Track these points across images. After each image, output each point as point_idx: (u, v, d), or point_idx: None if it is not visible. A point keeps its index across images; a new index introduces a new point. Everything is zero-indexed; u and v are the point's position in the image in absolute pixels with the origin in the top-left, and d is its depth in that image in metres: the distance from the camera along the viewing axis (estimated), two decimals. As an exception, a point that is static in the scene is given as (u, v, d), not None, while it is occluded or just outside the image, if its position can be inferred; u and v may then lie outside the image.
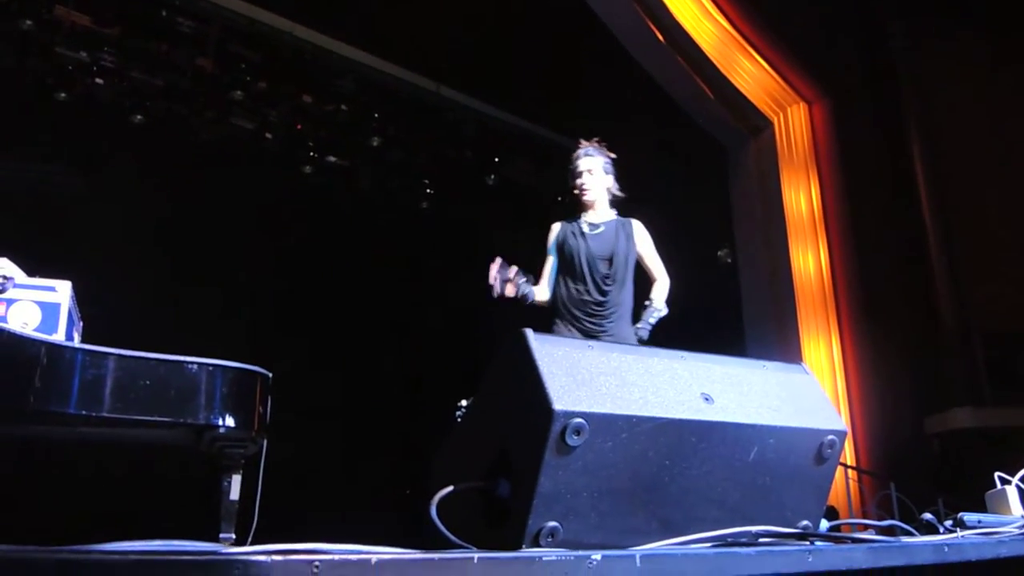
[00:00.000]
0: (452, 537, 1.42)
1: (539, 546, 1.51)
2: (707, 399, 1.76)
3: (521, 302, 4.16)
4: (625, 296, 4.04)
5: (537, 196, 9.46)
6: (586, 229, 4.13)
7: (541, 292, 4.13)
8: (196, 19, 7.30)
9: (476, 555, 1.04)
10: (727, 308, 8.20)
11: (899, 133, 7.93)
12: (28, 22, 6.69)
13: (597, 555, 1.16)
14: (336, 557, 0.89)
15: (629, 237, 4.09)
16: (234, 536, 3.75)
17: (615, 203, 4.26)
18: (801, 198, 7.96)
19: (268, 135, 7.98)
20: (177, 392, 3.77)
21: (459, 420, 4.56)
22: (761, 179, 8.28)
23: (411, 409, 7.81)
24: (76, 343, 3.86)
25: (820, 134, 8.25)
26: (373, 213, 8.35)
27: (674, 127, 8.53)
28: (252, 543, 3.34)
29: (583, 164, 4.17)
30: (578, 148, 4.26)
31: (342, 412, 7.43)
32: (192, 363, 3.79)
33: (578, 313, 4.05)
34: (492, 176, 9.15)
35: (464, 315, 8.41)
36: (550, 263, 4.20)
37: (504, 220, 9.00)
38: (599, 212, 4.18)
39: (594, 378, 1.62)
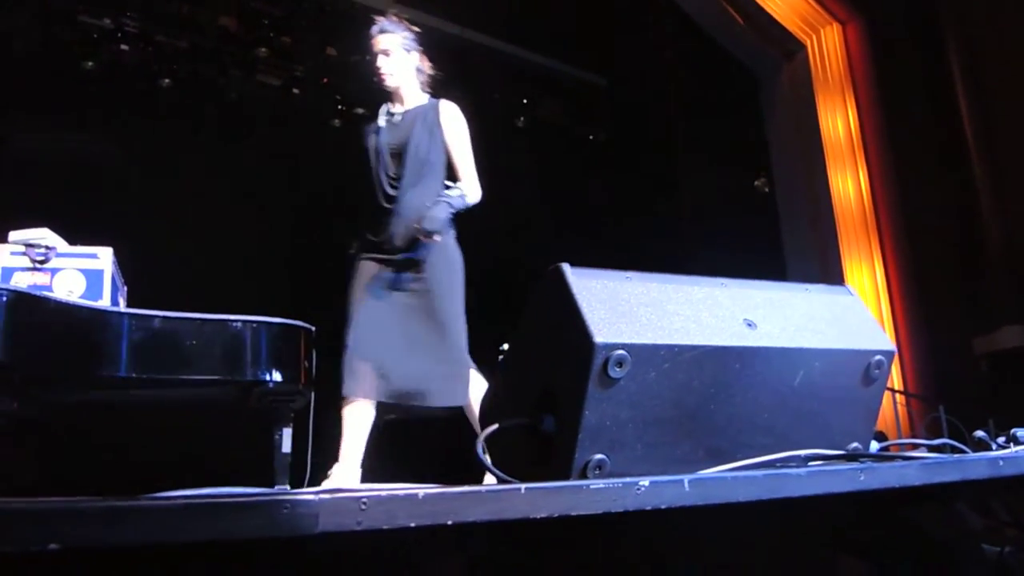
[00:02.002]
0: (499, 473, 1.43)
1: (587, 479, 1.51)
2: (750, 325, 1.73)
3: None
4: (425, 199, 3.30)
5: (569, 136, 9.37)
6: (383, 122, 3.45)
7: None
8: (216, -23, 7.30)
9: (523, 486, 1.05)
10: (766, 238, 8.10)
11: (937, 47, 7.67)
12: (51, -8, 6.72)
13: (645, 481, 1.16)
14: (383, 493, 0.90)
15: (431, 124, 3.33)
16: (288, 488, 3.84)
17: (434, 85, 3.56)
18: (838, 122, 7.79)
19: (295, 91, 7.97)
20: (223, 350, 3.85)
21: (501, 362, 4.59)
22: (796, 104, 8.10)
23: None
24: (121, 307, 3.94)
25: (855, 55, 8.03)
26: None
27: (705, 58, 8.37)
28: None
29: (379, 44, 3.40)
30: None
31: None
32: (236, 321, 3.87)
33: (370, 234, 3.36)
34: (522, 118, 9.05)
35: (502, 260, 8.40)
36: None
37: (536, 162, 8.93)
38: (406, 99, 3.45)
39: (634, 309, 1.60)
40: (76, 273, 3.90)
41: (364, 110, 8.14)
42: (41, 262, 3.85)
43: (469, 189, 3.39)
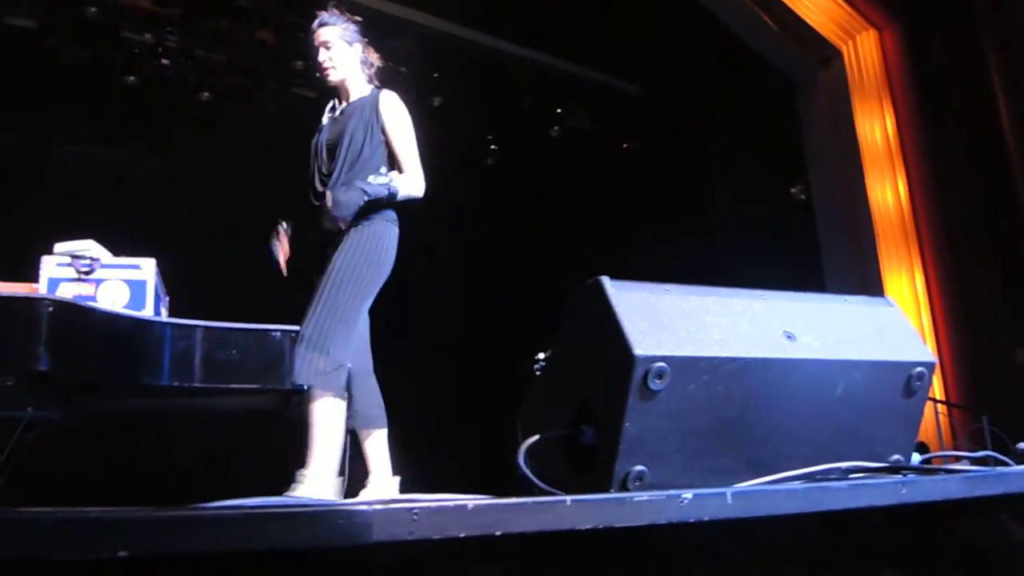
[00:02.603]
0: (541, 484, 1.45)
1: (627, 490, 1.52)
2: (789, 337, 1.73)
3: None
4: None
5: (602, 145, 9.37)
6: (326, 119, 3.32)
7: None
8: (253, -8, 7.40)
9: (569, 498, 1.07)
10: (804, 246, 8.04)
11: (976, 53, 7.58)
12: (93, 9, 6.84)
13: (688, 494, 1.17)
14: (434, 504, 0.92)
15: (368, 116, 3.11)
16: (327, 496, 3.87)
17: (381, 77, 3.38)
18: (876, 129, 7.71)
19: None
20: (263, 359, 3.91)
21: (538, 374, 4.59)
22: (833, 111, 8.03)
23: (486, 365, 7.88)
24: (164, 317, 4.02)
25: (892, 61, 7.95)
26: (439, 173, 8.37)
27: (740, 66, 8.33)
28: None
29: (319, 37, 3.22)
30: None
31: (416, 373, 7.53)
32: (275, 330, 3.93)
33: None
34: (556, 128, 9.07)
35: (535, 269, 8.42)
36: None
37: (570, 170, 8.95)
38: (351, 92, 3.27)
39: (673, 321, 1.61)
40: (120, 284, 3.98)
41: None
42: (86, 273, 3.93)
43: (406, 181, 3.11)
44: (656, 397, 1.53)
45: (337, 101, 3.32)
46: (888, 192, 7.58)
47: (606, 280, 1.65)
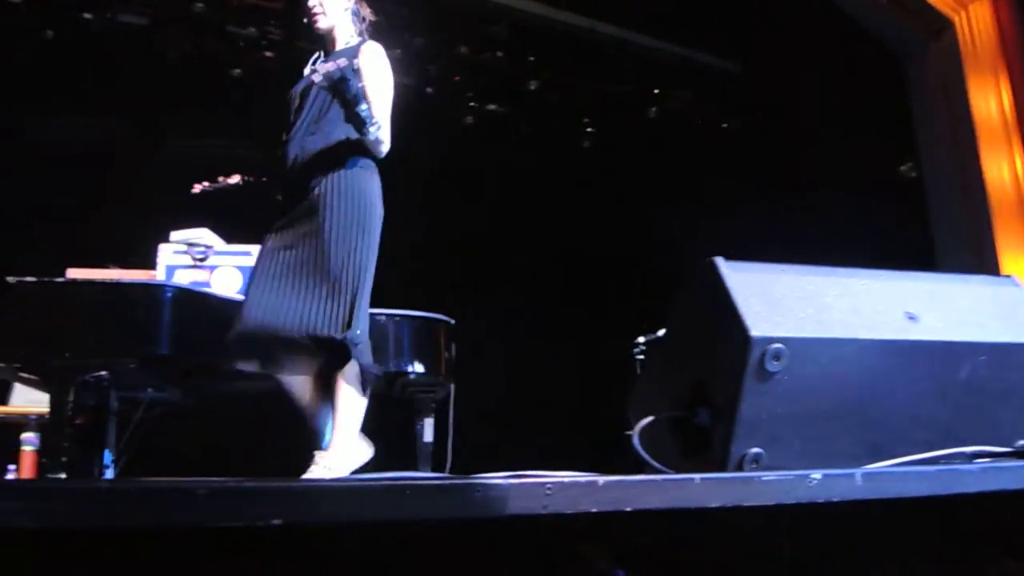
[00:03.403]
0: (658, 465, 1.45)
1: (743, 471, 1.51)
2: (911, 318, 1.69)
3: None
4: (319, 145, 2.96)
5: (702, 125, 9.22)
6: (307, 71, 3.17)
7: None
8: (349, -18, 7.52)
9: (698, 476, 1.07)
10: (914, 227, 7.75)
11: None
12: (200, 4, 7.08)
13: (817, 474, 1.15)
14: (566, 479, 0.94)
15: (345, 65, 2.92)
16: (431, 476, 3.95)
17: (374, 30, 3.25)
18: (991, 102, 7.35)
19: (428, 89, 8.12)
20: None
21: (638, 357, 4.57)
22: (945, 85, 7.69)
23: (585, 349, 7.88)
24: (275, 302, 4.14)
25: (1008, 31, 7.56)
26: (536, 157, 8.38)
27: (844, 40, 8.07)
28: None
29: None
30: None
31: (518, 355, 7.58)
32: (380, 314, 4.01)
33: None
34: (653, 109, 8.96)
35: (635, 251, 8.35)
36: None
37: (669, 152, 8.83)
38: (338, 44, 3.14)
39: (790, 302, 1.59)
40: (233, 270, 4.14)
41: (497, 106, 8.25)
42: (201, 260, 4.10)
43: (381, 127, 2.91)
44: (773, 379, 1.52)
45: (322, 53, 3.18)
46: (1005, 169, 7.23)
47: (720, 260, 1.63)
